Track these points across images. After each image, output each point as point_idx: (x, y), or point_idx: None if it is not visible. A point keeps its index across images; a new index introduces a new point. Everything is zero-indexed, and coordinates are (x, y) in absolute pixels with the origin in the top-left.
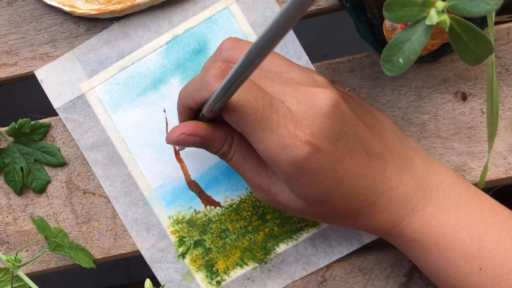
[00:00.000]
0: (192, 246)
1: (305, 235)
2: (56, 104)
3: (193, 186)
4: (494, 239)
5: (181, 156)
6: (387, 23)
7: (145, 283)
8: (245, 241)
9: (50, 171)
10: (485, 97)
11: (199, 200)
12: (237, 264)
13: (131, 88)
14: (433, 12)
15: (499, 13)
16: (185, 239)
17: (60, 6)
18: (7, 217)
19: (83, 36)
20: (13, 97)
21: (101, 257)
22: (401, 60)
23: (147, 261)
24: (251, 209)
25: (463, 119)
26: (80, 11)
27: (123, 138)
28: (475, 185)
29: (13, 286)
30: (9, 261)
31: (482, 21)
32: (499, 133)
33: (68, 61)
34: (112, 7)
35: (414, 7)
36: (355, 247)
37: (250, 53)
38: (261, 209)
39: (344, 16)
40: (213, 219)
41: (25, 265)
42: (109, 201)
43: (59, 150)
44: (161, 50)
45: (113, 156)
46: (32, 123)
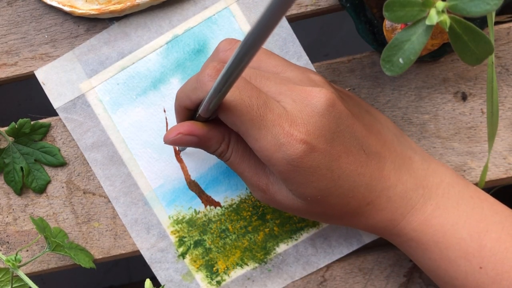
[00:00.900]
0: (192, 246)
1: (305, 235)
2: (56, 104)
3: (193, 186)
4: (494, 237)
5: (181, 156)
6: (387, 23)
7: (145, 283)
8: (245, 241)
9: (50, 171)
10: (485, 97)
11: (199, 200)
12: (237, 264)
13: (131, 88)
14: (433, 12)
15: (499, 13)
16: (185, 239)
17: (60, 6)
18: (7, 217)
19: (83, 36)
20: (13, 97)
21: (101, 257)
22: (401, 60)
23: (147, 261)
24: (251, 209)
25: (463, 119)
26: (80, 11)
27: (123, 138)
28: (475, 185)
29: (13, 286)
30: (9, 261)
31: (482, 21)
32: (499, 133)
33: (68, 61)
34: (112, 7)
35: (414, 7)
36: (355, 247)
37: (239, 51)
38: (261, 209)
39: (344, 16)
40: (213, 219)
41: (25, 265)
42: (109, 201)
43: (59, 150)
44: (161, 50)
45: (113, 156)
46: (32, 123)
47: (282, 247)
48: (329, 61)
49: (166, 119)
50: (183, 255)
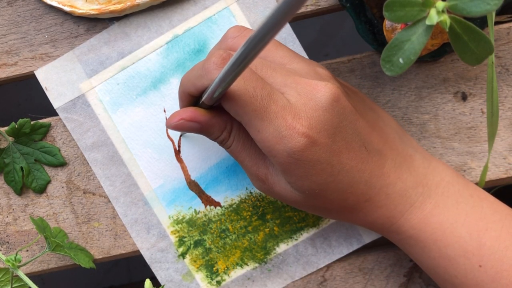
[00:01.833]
0: (192, 246)
1: (305, 235)
2: (56, 104)
3: (193, 186)
4: (493, 236)
5: (181, 156)
6: (387, 23)
7: (145, 283)
8: (245, 241)
9: (50, 171)
10: (485, 97)
11: (199, 200)
12: (237, 264)
13: (131, 88)
14: (433, 12)
15: (499, 13)
16: (185, 239)
17: (60, 6)
18: (7, 217)
19: (83, 36)
20: (13, 97)
21: (101, 257)
22: (401, 60)
23: (147, 261)
24: (251, 209)
25: (463, 119)
26: (80, 11)
27: (123, 138)
28: (475, 185)
29: (13, 286)
30: (9, 261)
31: (482, 21)
32: (499, 133)
33: (68, 61)
34: (112, 7)
35: (414, 7)
36: (355, 247)
37: (250, 42)
38: (261, 209)
39: (344, 16)
40: (213, 219)
41: (25, 265)
42: (109, 201)
43: (59, 150)
44: (161, 50)
45: (113, 156)
46: (32, 123)
47: (282, 247)
48: (329, 61)
49: (166, 119)
50: (183, 255)
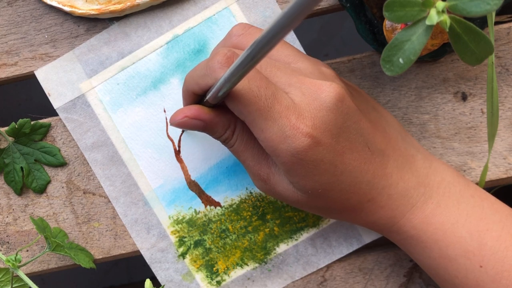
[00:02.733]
0: (192, 246)
1: (305, 235)
2: (56, 104)
3: (193, 186)
4: (494, 236)
5: (181, 156)
6: (387, 23)
7: (145, 283)
8: (245, 241)
9: (50, 171)
10: (485, 97)
11: (199, 200)
12: (237, 264)
13: (131, 88)
14: (433, 12)
15: (499, 13)
16: (185, 239)
17: (60, 6)
18: (7, 217)
19: (83, 36)
20: (13, 97)
21: (101, 257)
22: (401, 60)
23: (147, 261)
24: (251, 209)
25: (463, 119)
26: (80, 11)
27: (123, 138)
28: (476, 185)
29: (13, 286)
30: (9, 261)
31: (482, 21)
32: (499, 133)
33: (68, 61)
34: (112, 7)
35: (414, 7)
36: (355, 247)
37: (258, 43)
38: (261, 209)
39: (344, 16)
40: (213, 219)
41: (25, 265)
42: (109, 201)
43: (59, 150)
44: (161, 50)
45: (113, 156)
46: (32, 123)
47: (282, 247)
48: (329, 61)
49: (166, 119)
50: (183, 255)
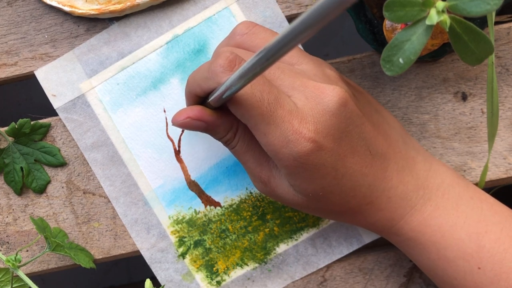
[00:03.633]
0: (192, 246)
1: (305, 235)
2: (56, 104)
3: (193, 186)
4: (493, 238)
5: (181, 156)
6: (387, 23)
7: (145, 283)
8: (245, 241)
9: (50, 171)
10: (485, 97)
11: (199, 200)
12: (237, 264)
13: (131, 88)
14: (433, 12)
15: (499, 13)
16: (185, 239)
17: (60, 6)
18: (7, 217)
19: (83, 36)
20: (13, 97)
21: (101, 257)
22: (401, 60)
23: (147, 261)
24: (251, 209)
25: (463, 119)
26: (80, 11)
27: (123, 138)
28: (475, 185)
29: (13, 286)
30: (9, 261)
31: (482, 21)
32: (499, 133)
33: (68, 61)
34: (112, 7)
35: (414, 7)
36: (355, 247)
37: (269, 49)
38: (261, 209)
39: (344, 16)
40: (213, 219)
41: (25, 265)
42: (109, 201)
43: (59, 150)
44: (161, 50)
45: (113, 156)
46: (32, 123)
47: (282, 247)
48: (329, 61)
49: (166, 119)
50: (183, 255)
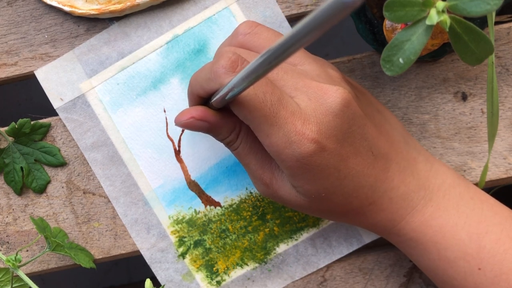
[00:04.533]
0: (192, 246)
1: (305, 235)
2: (56, 104)
3: (193, 186)
4: (493, 239)
5: (181, 156)
6: (387, 23)
7: (145, 283)
8: (245, 241)
9: (50, 171)
10: (485, 97)
11: (199, 200)
12: (237, 264)
13: (131, 88)
14: (433, 12)
15: (499, 13)
16: (185, 239)
17: (60, 6)
18: (7, 217)
19: (83, 36)
20: (13, 97)
21: (101, 257)
22: (401, 60)
23: (147, 261)
24: (251, 209)
25: (463, 119)
26: (80, 11)
27: (123, 138)
28: (475, 185)
29: (13, 286)
30: (9, 261)
31: (482, 21)
32: (499, 133)
33: (68, 61)
34: (112, 7)
35: (414, 7)
36: (355, 247)
37: (272, 52)
38: (261, 209)
39: None
40: (213, 219)
41: (25, 265)
42: (109, 201)
43: (59, 150)
44: (161, 50)
45: (113, 156)
46: (32, 123)
47: (282, 247)
48: (329, 61)
49: (166, 119)
50: (183, 255)
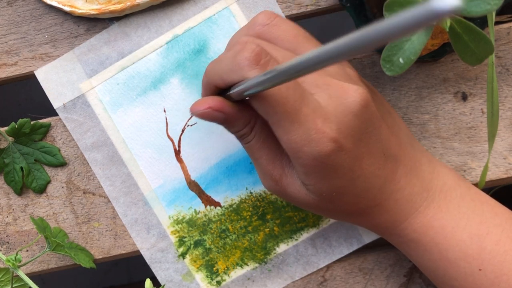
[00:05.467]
0: (192, 246)
1: (305, 235)
2: (56, 104)
3: (193, 186)
4: (494, 240)
5: (181, 156)
6: None
7: (145, 283)
8: (245, 241)
9: (50, 171)
10: (485, 97)
11: (199, 200)
12: (237, 264)
13: (131, 88)
14: None
15: (499, 13)
16: (185, 239)
17: (60, 6)
18: (7, 217)
19: (83, 36)
20: (13, 97)
21: (101, 257)
22: (401, 60)
23: (147, 261)
24: (251, 209)
25: (463, 119)
26: (80, 11)
27: (123, 138)
28: (475, 185)
29: (13, 286)
30: (9, 261)
31: (482, 21)
32: (499, 133)
33: (68, 61)
34: (112, 7)
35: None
36: (355, 247)
37: (313, 58)
38: (261, 209)
39: (344, 16)
40: (213, 219)
41: (25, 265)
42: (109, 201)
43: (59, 150)
44: (161, 50)
45: (113, 156)
46: (32, 123)
47: (282, 247)
48: None
49: (166, 119)
50: (183, 255)
